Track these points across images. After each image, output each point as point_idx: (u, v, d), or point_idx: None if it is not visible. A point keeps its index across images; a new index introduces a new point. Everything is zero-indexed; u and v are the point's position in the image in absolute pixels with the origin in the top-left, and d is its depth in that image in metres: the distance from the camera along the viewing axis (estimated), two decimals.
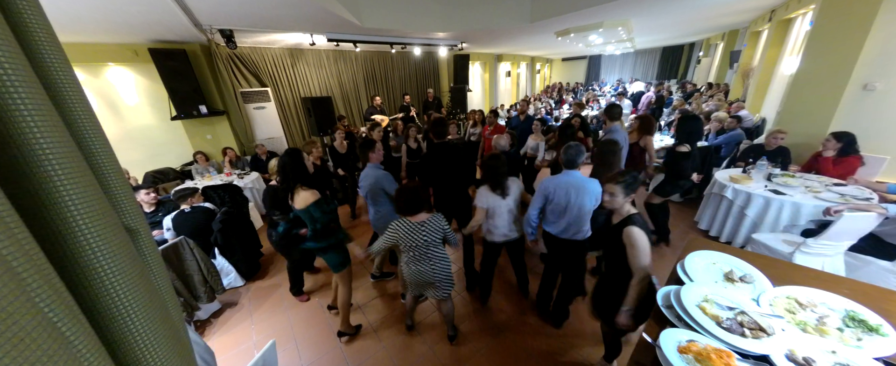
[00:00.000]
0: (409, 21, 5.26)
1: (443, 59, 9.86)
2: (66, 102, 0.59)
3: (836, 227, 2.36)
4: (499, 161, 2.37)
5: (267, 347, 1.48)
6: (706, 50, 13.37)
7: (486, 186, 2.42)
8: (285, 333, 2.84)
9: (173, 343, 0.66)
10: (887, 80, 3.53)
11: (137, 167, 5.15)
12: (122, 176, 0.70)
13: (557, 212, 2.30)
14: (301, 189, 2.27)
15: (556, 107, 10.98)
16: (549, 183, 2.28)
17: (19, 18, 0.53)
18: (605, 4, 4.63)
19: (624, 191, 1.68)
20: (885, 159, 3.64)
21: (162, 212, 3.47)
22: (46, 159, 0.48)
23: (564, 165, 2.28)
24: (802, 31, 5.18)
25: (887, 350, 1.03)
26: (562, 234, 2.35)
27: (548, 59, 19.82)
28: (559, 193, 2.24)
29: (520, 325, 2.70)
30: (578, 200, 2.22)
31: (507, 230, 2.50)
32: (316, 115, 6.30)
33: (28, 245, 0.43)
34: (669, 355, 1.04)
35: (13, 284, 0.39)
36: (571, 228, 2.31)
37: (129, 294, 0.58)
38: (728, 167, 4.18)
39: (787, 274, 1.46)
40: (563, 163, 2.28)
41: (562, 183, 2.25)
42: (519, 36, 7.86)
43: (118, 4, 3.20)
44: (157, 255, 0.77)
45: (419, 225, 2.05)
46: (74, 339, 0.46)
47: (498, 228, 2.50)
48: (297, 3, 3.67)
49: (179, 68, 4.98)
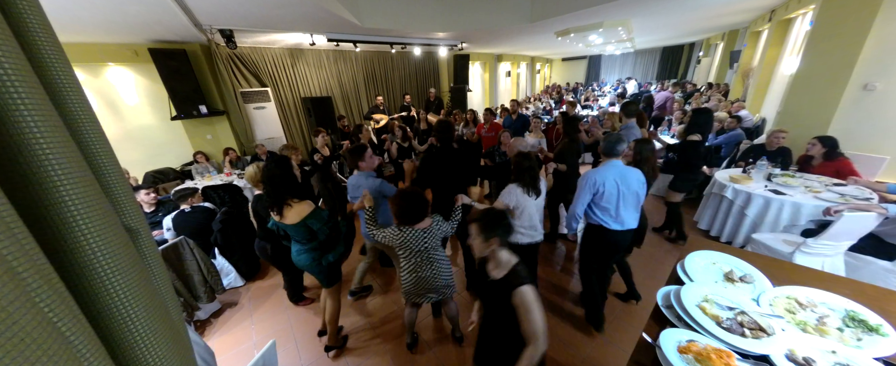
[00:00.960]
0: (409, 21, 5.26)
1: (443, 59, 9.86)
2: (66, 102, 0.59)
3: (836, 227, 2.36)
4: (531, 160, 2.28)
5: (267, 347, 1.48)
6: (706, 50, 13.36)
7: (517, 184, 2.28)
8: (285, 333, 2.84)
9: (173, 343, 0.66)
10: (887, 80, 3.53)
11: (137, 167, 5.16)
12: (122, 176, 0.70)
13: (613, 203, 2.20)
14: (293, 202, 2.10)
15: (556, 106, 10.99)
16: (595, 176, 2.18)
17: (20, 19, 0.53)
18: (605, 4, 4.63)
19: (481, 234, 1.39)
20: (885, 159, 3.64)
21: (162, 212, 3.47)
22: (46, 159, 0.48)
23: (605, 155, 2.23)
24: (802, 31, 5.18)
25: (887, 350, 1.02)
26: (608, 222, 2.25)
27: (548, 59, 19.82)
28: (609, 184, 2.16)
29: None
30: (627, 187, 2.18)
31: (534, 231, 2.40)
32: (316, 115, 6.31)
33: (28, 245, 0.43)
34: (669, 355, 1.04)
35: (13, 284, 0.39)
36: (631, 216, 2.27)
37: (129, 294, 0.58)
38: (728, 167, 4.18)
39: (787, 274, 1.46)
40: (604, 152, 2.23)
41: (608, 173, 2.17)
42: (519, 36, 7.86)
43: (118, 4, 3.20)
44: (157, 255, 0.77)
45: (423, 232, 1.98)
46: (74, 339, 0.46)
47: (526, 228, 2.37)
48: (297, 3, 3.67)
49: (179, 68, 4.98)
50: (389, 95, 8.94)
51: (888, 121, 3.63)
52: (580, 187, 2.25)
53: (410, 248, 2.00)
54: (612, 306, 2.80)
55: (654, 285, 2.58)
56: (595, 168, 2.26)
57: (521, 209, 2.31)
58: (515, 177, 2.32)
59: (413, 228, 1.97)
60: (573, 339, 2.52)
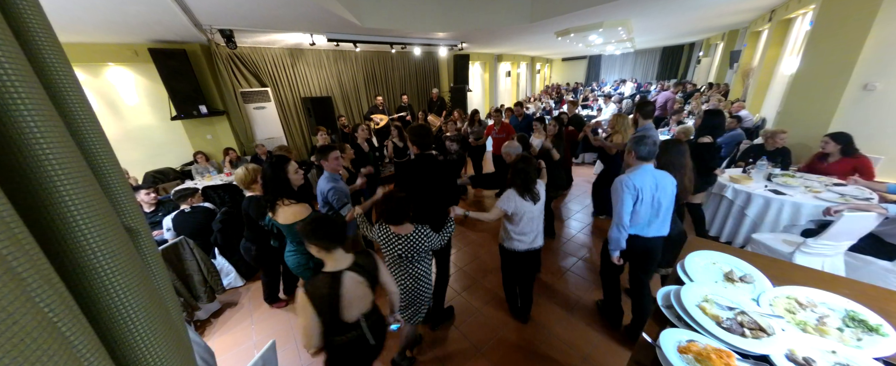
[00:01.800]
0: (409, 21, 5.26)
1: (443, 59, 9.86)
2: (66, 102, 0.59)
3: (836, 227, 2.36)
4: (529, 164, 2.21)
5: (267, 347, 1.48)
6: (706, 50, 13.37)
7: (514, 189, 2.24)
8: (285, 333, 2.84)
9: (173, 343, 0.66)
10: (887, 80, 3.53)
11: (137, 167, 5.16)
12: (122, 176, 0.70)
13: (649, 210, 2.07)
14: (288, 202, 2.14)
15: (556, 107, 11.00)
16: (633, 181, 2.02)
17: (20, 19, 0.53)
18: (605, 4, 4.63)
19: (311, 238, 1.45)
20: (880, 159, 3.64)
21: (162, 212, 3.47)
22: (46, 159, 0.48)
23: (639, 159, 2.04)
24: (802, 31, 5.18)
25: (887, 350, 1.02)
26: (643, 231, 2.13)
27: (548, 59, 19.82)
28: (646, 190, 2.01)
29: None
30: (664, 193, 2.05)
31: (534, 237, 2.35)
32: (316, 115, 6.31)
33: (28, 245, 0.43)
34: (669, 355, 1.04)
35: (13, 284, 0.39)
36: (665, 222, 2.13)
37: (129, 294, 0.58)
38: (728, 167, 4.18)
39: (787, 274, 1.45)
40: (640, 157, 2.04)
41: (646, 177, 2.03)
42: (519, 36, 7.86)
43: (118, 4, 3.20)
44: (157, 255, 0.77)
45: (398, 237, 1.91)
46: (74, 339, 0.46)
47: (526, 234, 2.32)
48: (297, 3, 3.66)
49: (179, 68, 4.98)
50: (389, 95, 8.94)
51: (888, 121, 3.63)
52: (615, 194, 2.07)
53: (388, 250, 1.98)
54: None
55: (654, 286, 2.58)
56: (627, 174, 2.09)
57: (520, 215, 2.25)
58: (511, 181, 2.26)
59: (389, 229, 1.92)
60: (573, 339, 2.52)
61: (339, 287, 1.42)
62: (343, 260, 1.49)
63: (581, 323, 2.65)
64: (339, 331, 1.50)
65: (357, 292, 1.50)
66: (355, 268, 1.50)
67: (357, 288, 1.49)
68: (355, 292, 1.48)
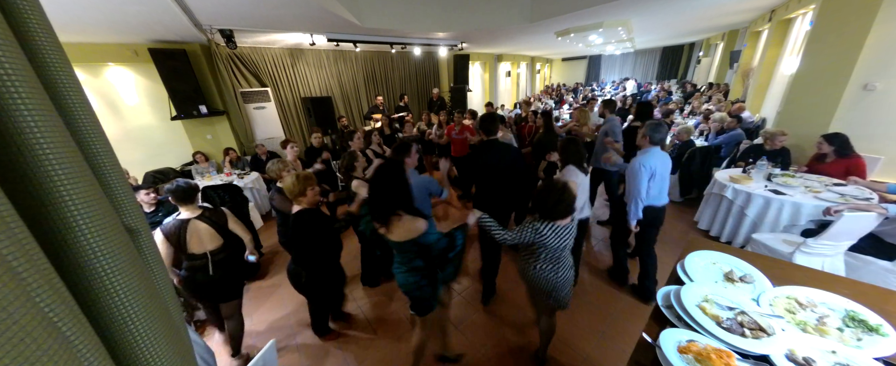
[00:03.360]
0: (409, 21, 5.26)
1: (443, 59, 9.86)
2: (66, 102, 0.59)
3: (836, 227, 2.36)
4: (578, 144, 2.60)
5: (267, 347, 1.48)
6: (706, 50, 13.36)
7: (573, 165, 2.57)
8: (285, 333, 2.84)
9: (173, 343, 0.66)
10: (887, 80, 3.53)
11: (137, 167, 5.15)
12: (122, 176, 0.70)
13: (659, 184, 2.51)
14: (404, 217, 1.70)
15: (556, 107, 11.01)
16: (650, 161, 2.44)
17: (20, 19, 0.53)
18: (605, 4, 4.64)
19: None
20: (880, 159, 3.64)
21: (162, 212, 3.46)
22: (46, 159, 0.48)
23: (652, 143, 2.48)
24: (802, 31, 5.19)
25: (887, 350, 1.02)
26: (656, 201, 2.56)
27: (548, 59, 19.82)
28: (658, 168, 2.44)
29: None
30: (665, 169, 2.51)
31: (585, 207, 2.75)
32: (316, 115, 6.31)
33: (28, 245, 0.43)
34: (669, 355, 1.04)
35: (13, 284, 0.39)
36: (663, 193, 2.59)
37: (129, 294, 0.58)
38: (728, 167, 4.18)
39: (787, 274, 1.45)
40: (654, 141, 2.48)
41: (658, 159, 2.47)
42: (519, 36, 7.86)
43: (118, 4, 3.20)
44: (157, 255, 0.77)
45: (564, 228, 1.83)
46: (74, 339, 0.46)
47: (580, 204, 2.59)
48: (297, 3, 3.67)
49: (179, 68, 4.98)
50: (389, 95, 8.94)
51: (888, 121, 3.63)
52: (635, 174, 2.46)
53: (562, 244, 1.87)
54: (612, 306, 2.81)
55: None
56: (642, 156, 2.49)
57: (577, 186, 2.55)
58: (566, 159, 2.63)
59: (556, 225, 1.82)
60: (573, 339, 2.52)
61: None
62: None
63: (581, 323, 2.65)
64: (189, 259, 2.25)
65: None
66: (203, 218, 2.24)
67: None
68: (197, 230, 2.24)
